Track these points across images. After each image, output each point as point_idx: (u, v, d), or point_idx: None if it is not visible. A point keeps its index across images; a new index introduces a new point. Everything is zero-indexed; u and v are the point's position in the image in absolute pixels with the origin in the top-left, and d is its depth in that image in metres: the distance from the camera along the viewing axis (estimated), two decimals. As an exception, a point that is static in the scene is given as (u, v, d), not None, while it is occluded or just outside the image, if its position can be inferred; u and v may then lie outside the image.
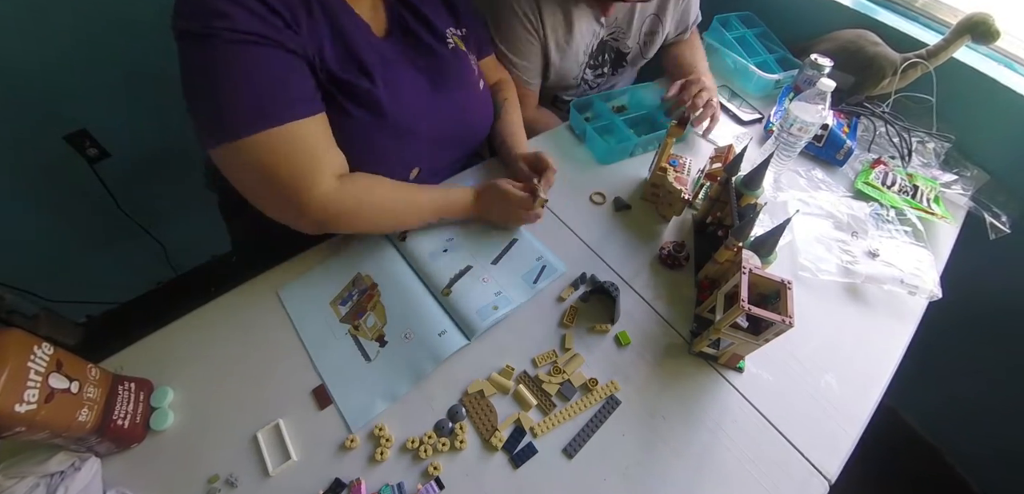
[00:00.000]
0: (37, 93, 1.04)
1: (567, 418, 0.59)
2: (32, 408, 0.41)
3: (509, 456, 0.55)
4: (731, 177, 0.73)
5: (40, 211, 1.20)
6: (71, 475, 0.47)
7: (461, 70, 0.76)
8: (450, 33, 0.76)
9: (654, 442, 0.58)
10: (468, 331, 0.64)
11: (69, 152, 1.14)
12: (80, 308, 1.41)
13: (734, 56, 1.15)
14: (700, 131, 0.99)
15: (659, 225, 0.82)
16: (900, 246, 0.81)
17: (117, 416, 0.50)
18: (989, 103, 1.00)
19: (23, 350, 0.42)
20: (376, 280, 0.69)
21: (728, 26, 1.21)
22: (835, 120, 0.98)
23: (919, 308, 0.75)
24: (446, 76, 0.74)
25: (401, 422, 0.57)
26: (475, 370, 0.62)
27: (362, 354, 0.62)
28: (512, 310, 0.67)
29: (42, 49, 1.00)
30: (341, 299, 0.68)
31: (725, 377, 0.64)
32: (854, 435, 0.61)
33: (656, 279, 0.74)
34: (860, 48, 1.04)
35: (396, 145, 0.68)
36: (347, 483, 0.52)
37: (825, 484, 0.56)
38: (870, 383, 0.66)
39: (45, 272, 1.27)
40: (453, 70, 0.75)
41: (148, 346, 0.61)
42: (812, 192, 0.90)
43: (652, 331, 0.68)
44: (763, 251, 0.63)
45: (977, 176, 0.99)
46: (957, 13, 1.05)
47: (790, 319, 0.54)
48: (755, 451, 0.58)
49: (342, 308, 0.67)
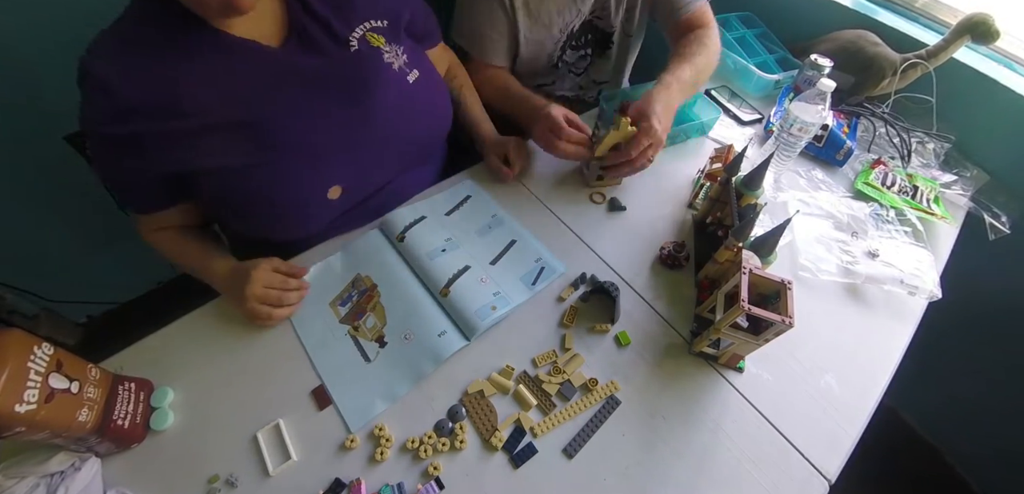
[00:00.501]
0: (37, 93, 1.04)
1: (567, 418, 0.59)
2: (32, 408, 0.41)
3: (509, 456, 0.55)
4: (731, 177, 0.73)
5: (40, 211, 1.20)
6: (71, 475, 0.47)
7: (367, 73, 0.68)
8: (362, 28, 0.68)
9: (654, 442, 0.58)
10: (467, 331, 0.64)
11: (69, 152, 1.14)
12: (80, 308, 1.41)
13: (734, 56, 1.15)
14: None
15: (655, 221, 0.81)
16: (900, 246, 0.81)
17: (117, 416, 0.50)
18: (989, 103, 1.00)
19: (23, 350, 0.42)
20: (376, 281, 0.69)
21: (728, 26, 1.21)
22: (835, 120, 0.98)
23: (919, 308, 0.75)
24: (347, 83, 0.67)
25: (401, 422, 0.57)
26: (475, 370, 0.62)
27: (362, 355, 0.62)
28: (510, 310, 0.67)
29: (42, 49, 1.00)
30: (340, 300, 0.68)
31: (725, 377, 0.64)
32: (854, 435, 0.61)
33: (656, 279, 0.74)
34: (860, 48, 1.04)
35: (295, 169, 0.65)
36: (347, 483, 0.52)
37: (825, 484, 0.56)
38: (870, 383, 0.66)
39: (45, 272, 1.27)
40: (357, 75, 0.67)
41: (148, 346, 0.61)
42: (812, 192, 0.90)
43: (652, 331, 0.68)
44: (763, 251, 0.63)
45: (977, 176, 0.99)
46: (957, 13, 1.05)
47: (790, 319, 0.54)
48: (755, 451, 0.58)
49: (342, 308, 0.67)
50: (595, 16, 0.97)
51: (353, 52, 0.67)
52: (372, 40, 0.69)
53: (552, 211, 0.82)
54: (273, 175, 0.64)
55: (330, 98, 0.66)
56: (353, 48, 0.67)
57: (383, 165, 0.75)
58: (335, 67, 0.66)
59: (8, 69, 0.98)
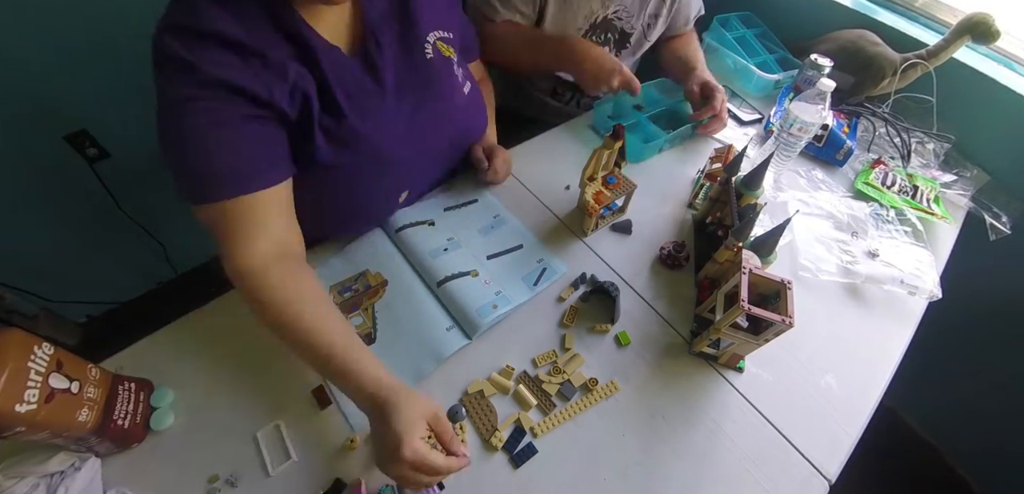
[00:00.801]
0: (37, 93, 1.04)
1: (567, 418, 0.59)
2: (32, 408, 0.41)
3: (509, 456, 0.55)
4: (731, 177, 0.73)
5: (40, 211, 1.20)
6: (71, 475, 0.47)
7: (441, 80, 0.69)
8: (434, 37, 0.69)
9: (654, 442, 0.58)
10: (469, 330, 0.64)
11: (69, 152, 1.14)
12: (80, 308, 1.41)
13: (734, 56, 1.15)
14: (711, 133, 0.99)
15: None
16: (900, 246, 0.81)
17: (117, 416, 0.50)
18: (989, 103, 1.00)
19: (23, 350, 0.42)
20: (386, 277, 0.69)
21: (728, 26, 1.21)
22: (835, 120, 0.98)
23: (919, 308, 0.75)
24: (424, 90, 0.67)
25: (401, 422, 0.57)
26: (475, 370, 0.62)
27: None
28: (511, 309, 0.67)
29: (42, 49, 1.00)
30: (341, 287, 0.68)
31: (725, 377, 0.64)
32: (854, 435, 0.61)
33: (656, 279, 0.74)
34: (860, 48, 1.04)
35: (375, 175, 0.65)
36: (347, 483, 0.52)
37: (825, 484, 0.56)
38: (870, 383, 0.66)
39: (45, 272, 1.27)
40: (432, 82, 0.68)
41: (148, 346, 0.61)
42: (812, 192, 0.91)
43: (652, 331, 0.68)
44: (763, 251, 0.63)
45: (977, 176, 0.99)
46: (957, 13, 1.05)
47: (790, 319, 0.54)
48: (755, 451, 0.58)
49: (341, 296, 0.67)
50: (616, 14, 1.00)
51: (428, 60, 0.67)
52: (443, 49, 0.70)
53: (552, 211, 0.82)
54: (352, 180, 0.63)
55: (411, 104, 0.66)
56: (429, 56, 0.67)
57: (438, 170, 0.79)
58: (414, 74, 0.66)
59: (8, 69, 0.98)
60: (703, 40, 1.22)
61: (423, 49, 0.67)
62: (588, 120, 1.01)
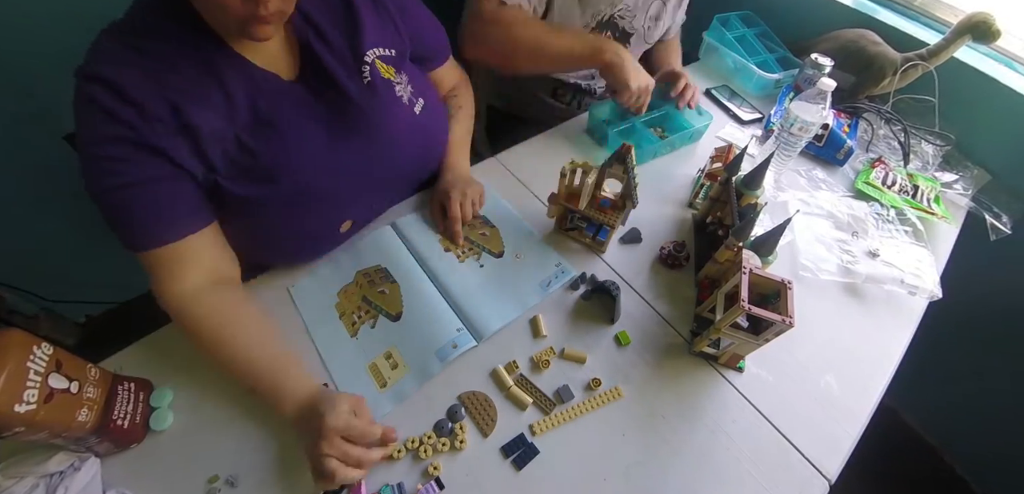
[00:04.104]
0: (37, 94, 1.04)
1: (567, 418, 0.59)
2: (32, 408, 0.41)
3: (509, 457, 0.55)
4: (731, 177, 0.73)
5: (40, 211, 1.20)
6: (71, 475, 0.47)
7: (378, 108, 0.65)
8: (371, 54, 0.64)
9: (654, 442, 0.58)
10: (477, 334, 0.64)
11: (69, 152, 1.14)
12: (80, 308, 1.41)
13: (734, 56, 1.15)
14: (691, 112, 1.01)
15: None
16: (900, 246, 0.81)
17: (117, 416, 0.50)
18: (990, 103, 1.00)
19: (23, 350, 0.42)
20: (396, 279, 0.69)
21: (728, 25, 1.21)
22: (835, 120, 0.98)
23: (919, 308, 0.75)
24: (357, 120, 0.63)
25: (401, 422, 0.57)
26: (475, 370, 0.62)
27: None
28: (520, 315, 0.67)
29: (42, 49, 1.00)
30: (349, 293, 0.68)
31: (725, 377, 0.64)
32: (854, 435, 0.61)
33: (656, 279, 0.74)
34: (861, 48, 1.04)
35: (302, 208, 0.62)
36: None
37: (825, 484, 0.56)
38: (870, 383, 0.66)
39: (45, 272, 1.27)
40: (370, 109, 0.64)
41: (148, 346, 0.61)
42: (812, 192, 0.90)
43: (652, 331, 0.68)
44: (763, 251, 0.63)
45: (978, 176, 0.99)
46: (957, 13, 1.05)
47: (790, 319, 0.54)
48: (755, 451, 0.58)
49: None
50: (619, 13, 0.99)
51: (366, 85, 0.63)
52: (383, 71, 0.66)
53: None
54: (288, 210, 0.61)
55: (346, 134, 0.63)
56: (366, 80, 0.63)
57: (388, 194, 0.78)
58: (350, 102, 0.62)
59: (8, 69, 0.98)
60: (703, 40, 1.22)
61: (360, 72, 0.63)
62: (583, 123, 1.00)
